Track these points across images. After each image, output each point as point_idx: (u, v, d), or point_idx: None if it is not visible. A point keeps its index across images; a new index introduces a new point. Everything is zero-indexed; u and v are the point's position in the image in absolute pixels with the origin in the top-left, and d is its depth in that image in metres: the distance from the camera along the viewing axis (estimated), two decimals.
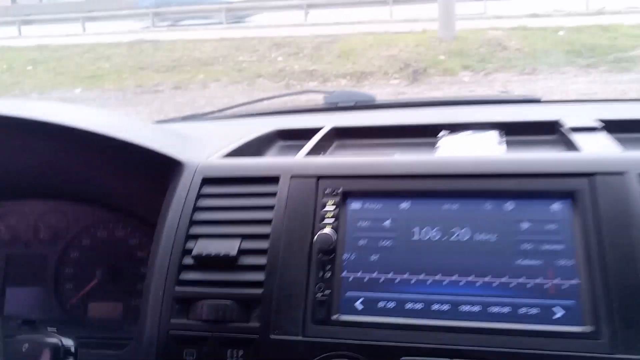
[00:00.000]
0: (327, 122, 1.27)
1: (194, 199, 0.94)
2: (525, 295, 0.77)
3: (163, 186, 1.01)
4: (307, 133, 1.21)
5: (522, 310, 0.77)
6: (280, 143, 1.28)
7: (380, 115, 1.55)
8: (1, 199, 1.31)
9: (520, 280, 0.78)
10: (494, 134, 1.13)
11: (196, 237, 0.90)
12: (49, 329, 0.79)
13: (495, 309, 0.78)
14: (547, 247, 0.79)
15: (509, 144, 1.10)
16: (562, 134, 1.10)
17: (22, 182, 1.27)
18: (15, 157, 1.17)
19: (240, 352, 0.82)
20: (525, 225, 0.81)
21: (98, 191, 1.25)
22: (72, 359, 0.76)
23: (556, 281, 0.77)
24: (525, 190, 0.83)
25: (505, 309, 0.77)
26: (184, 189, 0.95)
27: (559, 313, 0.75)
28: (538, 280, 0.78)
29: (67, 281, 1.25)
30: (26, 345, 0.77)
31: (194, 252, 0.88)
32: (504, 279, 0.79)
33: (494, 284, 0.79)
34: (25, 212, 1.30)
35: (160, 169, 1.02)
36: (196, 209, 0.93)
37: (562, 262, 0.78)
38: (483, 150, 1.06)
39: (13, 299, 1.26)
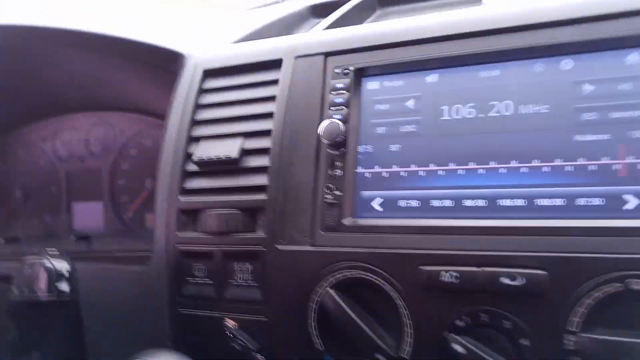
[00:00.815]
0: None
1: (195, 95, 0.82)
2: (585, 182, 0.58)
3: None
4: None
5: (581, 202, 0.58)
6: (313, 21, 1.10)
7: None
8: (53, 114, 1.30)
9: (579, 162, 0.58)
10: None
11: (198, 139, 0.80)
12: (49, 250, 0.75)
13: (544, 202, 0.59)
14: (617, 115, 0.58)
15: None
16: None
17: (69, 97, 1.24)
18: (59, 73, 1.13)
19: (249, 266, 0.73)
20: (587, 89, 0.60)
21: (135, 99, 1.18)
22: (66, 283, 0.72)
23: (629, 160, 0.56)
24: (589, 40, 0.60)
25: (558, 201, 0.59)
26: (185, 84, 0.84)
27: (632, 202, 0.55)
28: (604, 161, 0.57)
29: (122, 193, 1.23)
30: (26, 267, 0.74)
31: (196, 157, 0.77)
32: (557, 162, 0.59)
33: (544, 170, 0.60)
34: (76, 127, 1.28)
35: (170, 66, 0.91)
36: (198, 106, 0.82)
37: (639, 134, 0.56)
38: None
39: (79, 214, 1.28)
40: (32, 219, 1.32)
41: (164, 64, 0.89)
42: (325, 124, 0.69)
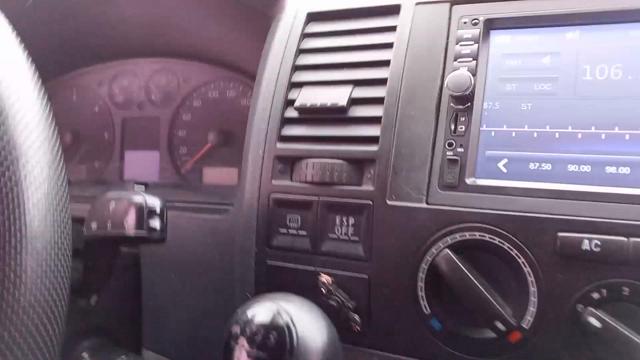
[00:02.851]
0: None
1: (297, 39, 0.77)
2: None
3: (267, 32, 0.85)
4: None
5: None
6: None
7: None
8: (112, 58, 1.25)
9: None
10: None
11: (300, 85, 0.75)
12: (136, 186, 0.71)
13: None
14: None
15: None
16: None
17: (130, 40, 1.19)
18: (122, 10, 1.08)
19: (351, 220, 0.68)
20: None
21: (206, 47, 1.13)
22: (158, 219, 0.67)
23: None
24: None
25: None
26: (285, 29, 0.79)
27: None
28: None
29: (181, 145, 1.19)
30: (113, 203, 0.69)
31: (297, 103, 0.73)
32: None
33: None
34: (136, 73, 1.23)
35: (262, 9, 0.86)
36: (300, 51, 0.77)
37: None
38: None
39: (131, 163, 1.24)
40: (81, 164, 1.28)
41: (261, 6, 0.84)
42: (453, 74, 0.64)
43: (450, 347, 0.63)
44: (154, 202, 0.68)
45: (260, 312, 0.49)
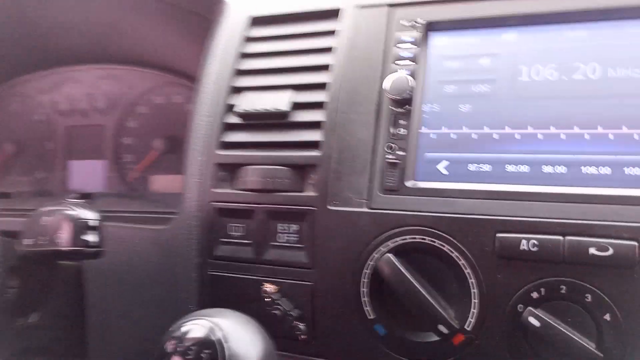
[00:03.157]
0: None
1: (240, 43, 0.76)
2: None
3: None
4: None
5: None
6: None
7: None
8: (55, 65, 1.21)
9: None
10: None
11: (241, 90, 0.74)
12: (70, 200, 0.68)
13: (633, 171, 0.56)
14: None
15: None
16: None
17: (74, 47, 1.15)
18: (64, 16, 1.05)
19: (294, 227, 0.67)
20: None
21: (150, 52, 1.10)
22: (92, 233, 0.65)
23: None
24: None
25: None
26: (227, 32, 0.77)
27: None
28: None
29: (127, 153, 1.15)
30: (46, 217, 0.66)
31: (239, 108, 0.71)
32: None
33: (634, 137, 0.56)
34: (79, 80, 1.19)
35: (203, 13, 0.84)
36: (242, 55, 0.76)
37: None
38: None
39: (76, 172, 1.20)
40: (23, 176, 1.23)
41: (203, 10, 0.82)
42: (392, 78, 0.64)
43: (396, 352, 0.62)
44: (88, 216, 0.65)
45: (193, 328, 0.47)
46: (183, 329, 0.47)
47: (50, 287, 0.83)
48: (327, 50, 0.71)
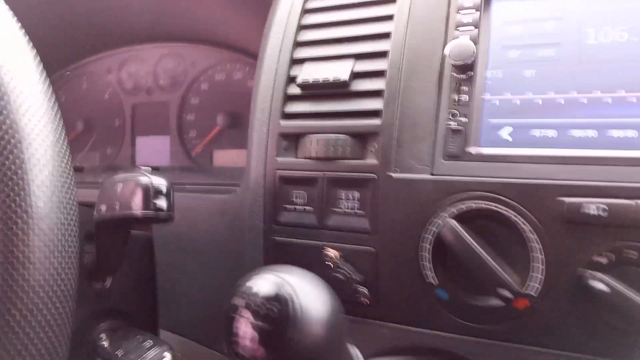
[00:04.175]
0: None
1: (298, 15, 0.77)
2: None
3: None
4: None
5: None
6: None
7: None
8: (119, 45, 1.26)
9: None
10: None
11: (302, 61, 0.75)
12: (143, 168, 0.72)
13: None
14: None
15: None
16: None
17: (135, 26, 1.20)
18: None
19: (357, 194, 0.69)
20: None
21: (210, 29, 1.13)
22: (164, 199, 0.68)
23: None
24: None
25: None
26: (286, 5, 0.78)
27: None
28: None
29: (191, 129, 1.19)
30: (120, 185, 0.70)
31: (300, 79, 0.73)
32: None
33: None
34: (143, 58, 1.24)
35: None
36: (301, 27, 0.77)
37: None
38: None
39: (143, 148, 1.25)
40: (94, 151, 1.29)
41: None
42: (454, 43, 0.63)
43: (458, 317, 0.63)
44: (160, 182, 0.69)
45: (262, 284, 0.49)
46: (251, 283, 0.49)
47: (123, 253, 0.88)
48: (387, 18, 0.71)
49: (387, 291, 0.67)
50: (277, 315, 0.47)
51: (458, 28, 0.66)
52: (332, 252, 0.69)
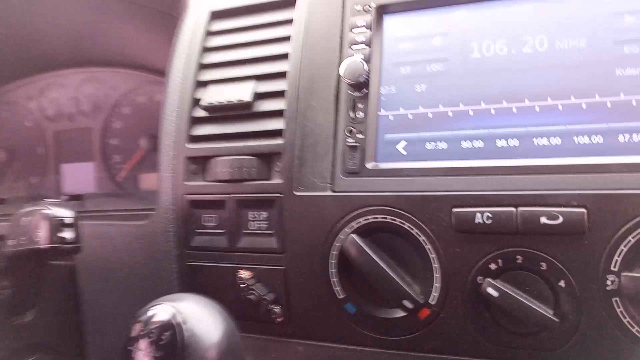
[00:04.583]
0: None
1: (202, 38, 0.78)
2: (625, 118, 0.55)
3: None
4: None
5: (621, 139, 0.55)
6: None
7: None
8: (40, 71, 1.24)
9: (620, 98, 0.56)
10: None
11: (206, 83, 0.75)
12: (50, 200, 0.71)
13: (582, 140, 0.57)
14: None
15: None
16: None
17: (57, 51, 1.18)
18: (44, 24, 1.07)
19: (264, 214, 0.69)
20: (629, 20, 0.57)
21: (127, 53, 1.12)
22: (69, 231, 0.67)
23: None
24: None
25: (597, 139, 0.56)
26: (190, 28, 0.79)
27: None
28: None
29: (115, 153, 1.18)
30: (25, 218, 0.69)
31: (204, 102, 0.73)
32: (595, 99, 0.57)
33: (582, 107, 0.57)
34: (63, 84, 1.22)
35: (167, 10, 0.86)
36: (205, 49, 0.77)
37: None
38: None
39: (68, 176, 1.23)
40: (18, 181, 1.26)
41: (165, 7, 0.84)
42: (347, 62, 0.65)
43: (366, 329, 0.64)
44: (64, 214, 0.68)
45: (156, 313, 0.50)
46: (147, 314, 0.50)
47: (43, 285, 0.86)
48: (285, 39, 0.72)
49: (299, 308, 0.68)
50: (168, 342, 0.47)
51: (352, 47, 0.68)
52: (244, 274, 0.70)
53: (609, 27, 0.57)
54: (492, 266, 0.58)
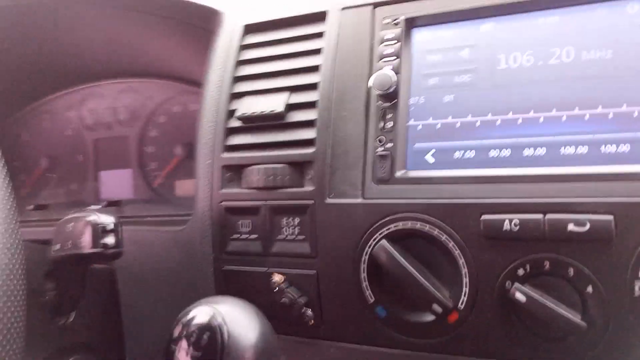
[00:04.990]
0: None
1: (236, 51, 0.81)
2: None
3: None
4: None
5: None
6: None
7: None
8: (79, 83, 1.29)
9: None
10: None
11: (241, 95, 0.79)
12: (93, 207, 0.75)
13: (609, 149, 0.58)
14: None
15: None
16: None
17: (94, 64, 1.23)
18: (83, 38, 1.12)
19: (297, 220, 0.72)
20: None
21: (163, 64, 1.17)
22: (111, 236, 0.71)
23: None
24: None
25: (624, 147, 0.57)
26: (225, 42, 0.82)
27: None
28: None
29: (151, 161, 1.22)
30: (71, 224, 0.73)
31: (239, 113, 0.76)
32: (622, 109, 0.58)
33: (609, 117, 0.59)
34: (102, 95, 1.27)
35: (206, 24, 0.89)
36: (239, 62, 0.80)
37: None
38: None
39: (106, 182, 1.27)
40: (59, 188, 1.31)
41: (200, 22, 0.88)
42: (377, 74, 0.67)
43: (397, 332, 0.66)
44: (107, 221, 0.72)
45: (197, 314, 0.53)
46: (189, 315, 0.53)
47: (85, 288, 0.90)
48: (316, 52, 0.75)
49: (330, 311, 0.70)
50: (208, 343, 0.50)
51: (381, 59, 0.70)
52: (277, 277, 0.72)
53: (635, 39, 0.59)
54: (520, 272, 0.59)
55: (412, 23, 0.70)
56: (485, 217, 0.60)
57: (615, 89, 0.58)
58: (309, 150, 0.71)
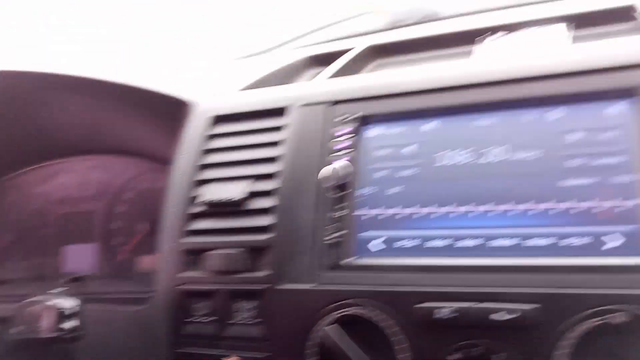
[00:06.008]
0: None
1: (203, 140, 0.87)
2: (571, 223, 0.63)
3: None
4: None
5: (567, 242, 0.62)
6: (314, 70, 1.15)
7: (438, 26, 1.35)
8: (50, 158, 1.32)
9: (566, 204, 0.63)
10: (548, 31, 0.93)
11: (206, 182, 0.84)
12: (56, 290, 0.77)
13: (533, 242, 0.64)
14: (600, 161, 0.63)
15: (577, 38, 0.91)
16: (638, 20, 0.88)
17: (65, 141, 1.27)
18: (55, 117, 1.17)
19: (252, 304, 0.75)
20: (573, 137, 0.65)
21: (133, 143, 1.22)
22: (71, 321, 0.73)
23: (610, 203, 0.61)
24: (573, 93, 0.67)
25: (546, 241, 0.63)
26: (193, 131, 0.88)
27: (613, 242, 0.60)
28: (588, 204, 0.62)
29: (116, 236, 1.25)
30: (30, 307, 0.75)
31: (202, 199, 0.81)
32: (545, 205, 0.64)
33: (533, 212, 0.65)
34: (72, 170, 1.30)
35: (175, 113, 0.95)
36: (206, 151, 0.86)
37: (619, 178, 0.62)
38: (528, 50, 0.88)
39: (70, 256, 1.29)
40: (22, 262, 1.32)
41: (169, 111, 0.93)
42: (324, 168, 0.73)
43: None
44: (66, 304, 0.74)
45: None
46: None
47: None
48: (276, 144, 0.81)
49: None
50: None
51: (334, 152, 0.76)
52: None
53: (555, 143, 0.66)
54: (457, 357, 0.63)
55: (364, 120, 0.77)
56: (425, 305, 0.64)
57: (539, 187, 0.65)
58: (266, 236, 0.76)
